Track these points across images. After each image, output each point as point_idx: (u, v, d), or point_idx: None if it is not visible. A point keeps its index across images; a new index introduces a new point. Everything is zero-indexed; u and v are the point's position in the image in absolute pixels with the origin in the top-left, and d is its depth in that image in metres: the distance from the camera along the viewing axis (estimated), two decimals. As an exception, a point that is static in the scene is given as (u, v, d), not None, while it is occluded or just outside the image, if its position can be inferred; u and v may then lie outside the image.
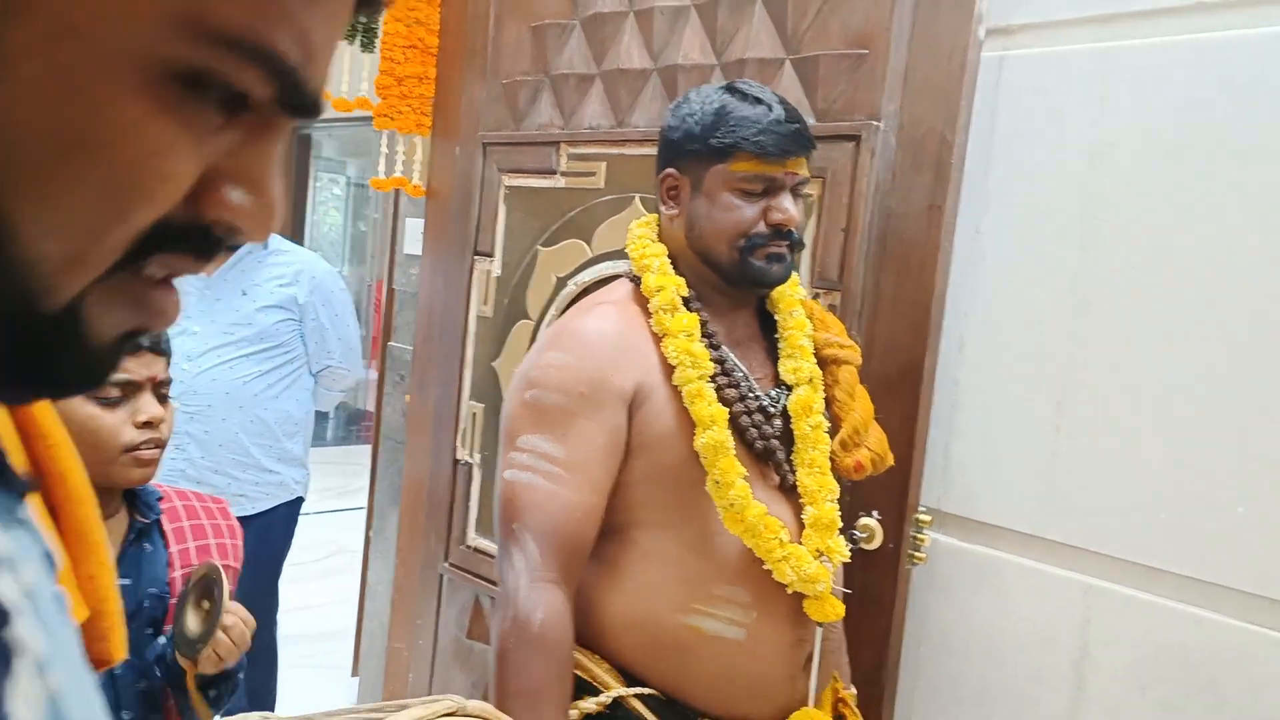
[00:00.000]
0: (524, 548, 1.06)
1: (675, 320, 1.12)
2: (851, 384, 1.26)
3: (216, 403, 2.11)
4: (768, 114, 1.11)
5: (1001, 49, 1.44)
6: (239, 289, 2.16)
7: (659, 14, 1.77)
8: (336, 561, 4.08)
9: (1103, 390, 1.35)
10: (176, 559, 1.14)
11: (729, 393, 1.13)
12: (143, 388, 1.08)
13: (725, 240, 1.14)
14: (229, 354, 2.12)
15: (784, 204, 1.13)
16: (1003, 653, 1.45)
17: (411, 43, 2.21)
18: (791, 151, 1.12)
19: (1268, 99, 1.21)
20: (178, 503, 1.19)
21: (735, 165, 1.11)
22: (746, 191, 1.12)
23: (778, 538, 1.08)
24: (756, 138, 1.10)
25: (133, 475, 1.07)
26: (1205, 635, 1.27)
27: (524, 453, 1.09)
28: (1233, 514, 1.24)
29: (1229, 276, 1.25)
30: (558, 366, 1.11)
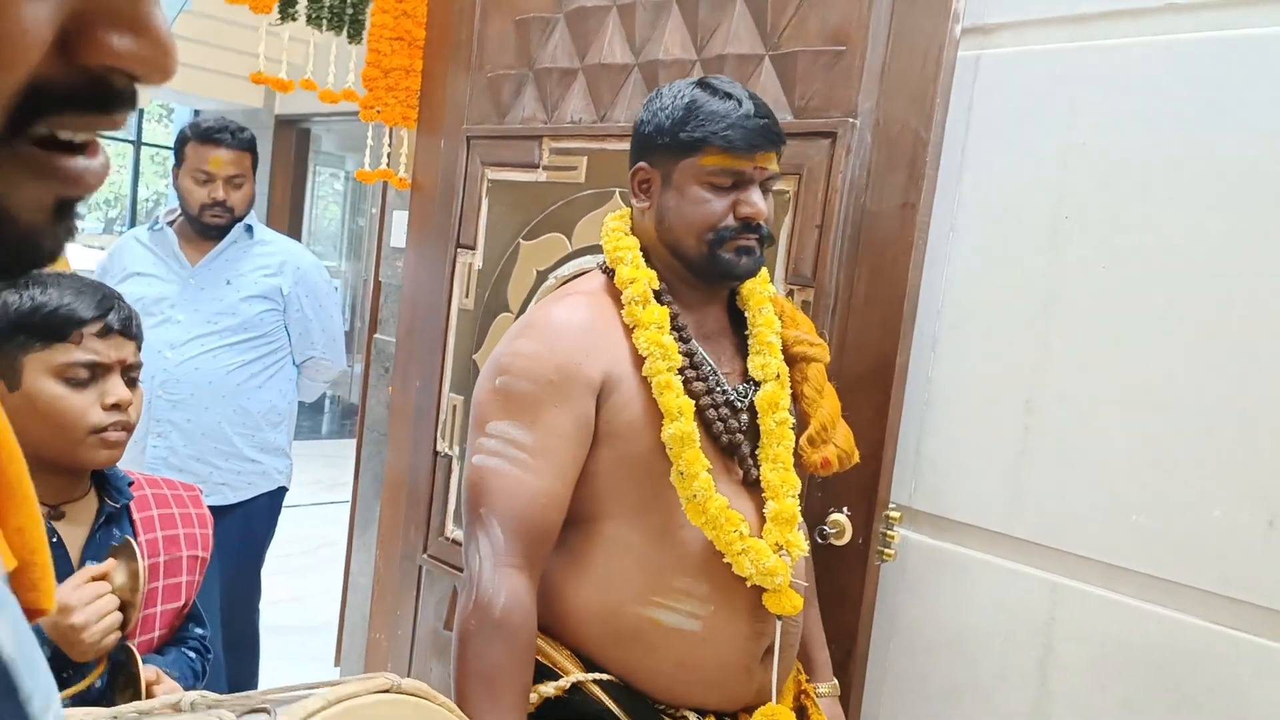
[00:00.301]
0: (489, 532, 1.07)
1: (646, 312, 1.13)
2: (820, 381, 1.26)
3: (199, 391, 2.12)
4: (737, 109, 1.12)
5: (978, 48, 1.44)
6: (223, 278, 2.16)
7: (641, 8, 1.77)
8: (324, 554, 4.08)
9: (1071, 389, 1.35)
10: (145, 548, 1.13)
11: (697, 386, 1.14)
12: (111, 370, 1.08)
13: (694, 233, 1.14)
14: (212, 343, 2.13)
15: (753, 198, 1.14)
16: (969, 650, 1.45)
17: (398, 35, 2.22)
18: (760, 146, 1.12)
19: (1236, 100, 1.22)
20: (148, 491, 1.19)
21: (704, 159, 1.12)
22: (715, 185, 1.13)
23: (738, 531, 1.09)
24: (725, 132, 1.10)
25: (99, 457, 1.07)
26: (1167, 634, 1.27)
27: (492, 438, 1.10)
28: (1196, 514, 1.25)
29: (1197, 276, 1.25)
30: (527, 354, 1.11)
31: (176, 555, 1.17)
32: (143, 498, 1.18)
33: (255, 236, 2.23)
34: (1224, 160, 1.23)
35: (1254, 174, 1.21)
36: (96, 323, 1.06)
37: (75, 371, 1.05)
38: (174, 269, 2.16)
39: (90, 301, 1.06)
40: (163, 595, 1.14)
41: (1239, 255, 1.22)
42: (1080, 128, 1.34)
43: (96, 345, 1.06)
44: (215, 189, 2.11)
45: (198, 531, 1.21)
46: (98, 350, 1.06)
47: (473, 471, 1.11)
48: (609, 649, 1.12)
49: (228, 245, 2.18)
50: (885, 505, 1.49)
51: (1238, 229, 1.22)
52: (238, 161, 2.13)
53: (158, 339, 2.08)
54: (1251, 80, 1.21)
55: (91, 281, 1.11)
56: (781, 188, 1.55)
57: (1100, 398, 1.33)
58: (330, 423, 7.40)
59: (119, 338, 1.08)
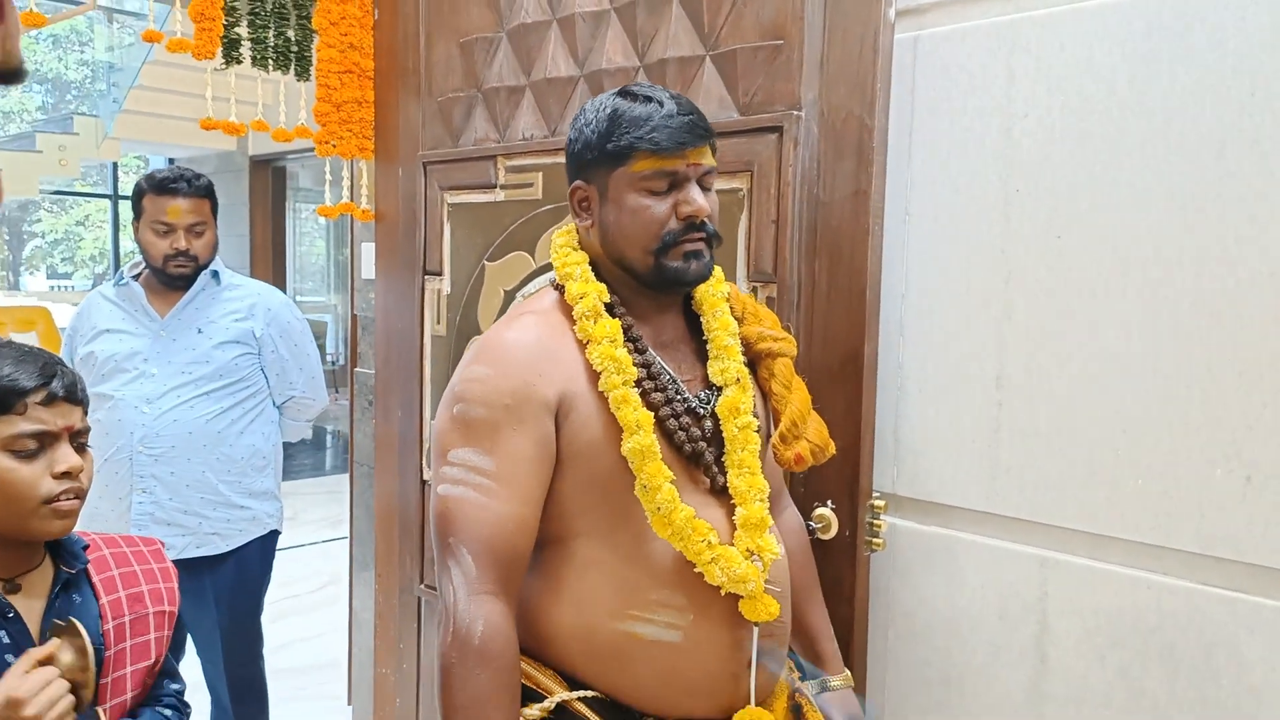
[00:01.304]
0: (460, 561, 1.06)
1: (598, 327, 1.12)
2: (788, 376, 1.25)
3: (180, 444, 2.10)
4: (659, 110, 1.11)
5: (915, 29, 1.44)
6: (194, 327, 2.14)
7: (580, 20, 1.77)
8: (329, 591, 4.07)
9: (1037, 361, 1.34)
10: (108, 610, 1.12)
11: (655, 397, 1.13)
12: (59, 438, 1.07)
13: (638, 244, 1.13)
14: (188, 393, 2.11)
15: (691, 195, 1.12)
16: (965, 631, 1.44)
17: (346, 68, 2.21)
18: (688, 142, 1.10)
19: (1168, 58, 1.21)
20: (105, 551, 1.18)
21: (636, 165, 1.11)
22: (652, 190, 1.11)
23: (706, 540, 1.08)
24: (651, 135, 1.09)
25: (52, 527, 1.06)
26: (1157, 599, 1.26)
27: (454, 466, 1.09)
28: (1173, 475, 1.24)
29: (1147, 235, 1.24)
30: (481, 380, 1.10)
31: (142, 613, 1.16)
32: (100, 558, 1.16)
33: (223, 282, 2.21)
34: (1163, 117, 1.22)
35: (1194, 128, 1.20)
36: (40, 391, 1.05)
37: (23, 443, 1.03)
38: (143, 322, 2.14)
39: (32, 370, 1.05)
40: (132, 655, 1.13)
41: (1187, 210, 1.21)
42: (1020, 99, 1.33)
43: (42, 414, 1.05)
44: (176, 239, 2.09)
45: (161, 586, 1.19)
46: (44, 419, 1.05)
47: (438, 501, 1.10)
48: (591, 666, 1.11)
49: (196, 293, 2.16)
50: (869, 495, 1.48)
51: (1183, 185, 1.21)
52: (196, 209, 2.11)
53: (133, 394, 2.08)
54: (1182, 37, 1.20)
55: (31, 349, 1.09)
56: (734, 185, 1.55)
57: (1067, 367, 1.32)
58: (333, 458, 7.39)
59: (64, 404, 1.07)
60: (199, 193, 2.12)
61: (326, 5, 2.16)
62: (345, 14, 2.18)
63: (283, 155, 7.03)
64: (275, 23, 2.13)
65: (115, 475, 2.08)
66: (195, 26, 1.99)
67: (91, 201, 11.40)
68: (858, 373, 1.46)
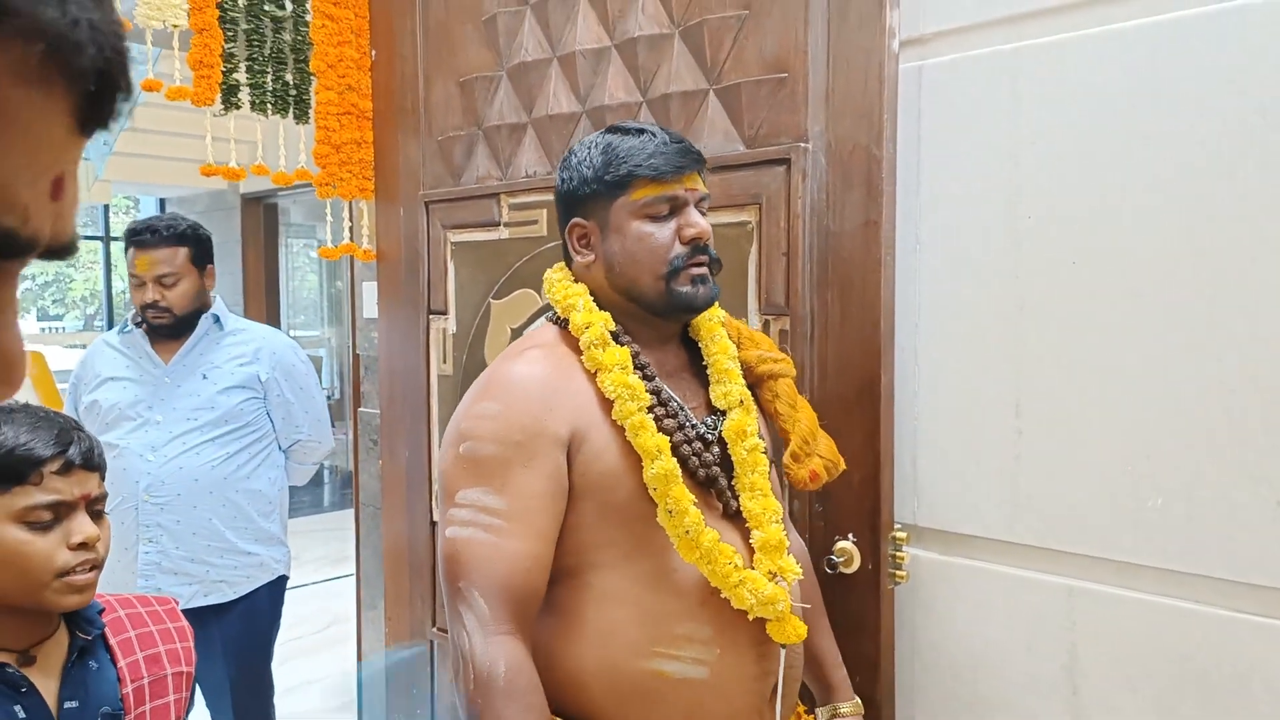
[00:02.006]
0: (473, 605, 1.03)
1: (608, 354, 1.11)
2: (791, 395, 1.25)
3: (185, 491, 2.07)
4: (653, 140, 1.13)
5: (918, 59, 1.44)
6: (198, 373, 2.12)
7: (581, 57, 1.77)
8: (335, 632, 4.02)
9: (1056, 388, 1.33)
10: (127, 674, 1.09)
11: (668, 423, 1.12)
12: (76, 507, 1.03)
13: (648, 270, 1.13)
14: (194, 440, 2.08)
15: (693, 218, 1.14)
16: (994, 663, 1.42)
17: (345, 109, 2.21)
18: (685, 167, 1.13)
19: (1173, 82, 1.21)
20: (121, 612, 1.15)
21: (636, 193, 1.12)
22: (654, 216, 1.13)
23: (733, 563, 1.07)
24: (649, 161, 1.11)
25: (67, 602, 1.02)
26: (1189, 626, 1.24)
27: (463, 508, 1.06)
28: (1198, 500, 1.22)
29: (1161, 258, 1.24)
30: (490, 416, 1.08)
31: (160, 674, 1.13)
32: (116, 620, 1.13)
33: (226, 327, 2.18)
34: (1171, 140, 1.22)
35: (1203, 150, 1.20)
36: (56, 460, 1.01)
37: (38, 514, 1.00)
38: (147, 369, 2.11)
39: (47, 437, 1.01)
40: (152, 718, 1.10)
41: (1199, 232, 1.21)
42: (1028, 126, 1.33)
43: (58, 484, 1.01)
44: (147, 292, 2.05)
45: (179, 646, 1.16)
46: (60, 489, 1.01)
47: (447, 544, 1.07)
48: (612, 708, 1.08)
49: (199, 339, 2.13)
50: (890, 527, 1.46)
51: (1195, 207, 1.21)
52: (166, 259, 2.05)
53: (138, 442, 2.05)
54: (1186, 61, 1.20)
55: (47, 413, 1.06)
56: (743, 218, 1.54)
57: (1086, 393, 1.31)
58: (331, 494, 7.33)
59: (81, 472, 1.03)
60: (168, 242, 2.05)
61: (324, 49, 2.16)
62: (342, 56, 2.19)
63: (274, 193, 7.04)
64: (273, 67, 2.12)
65: (121, 525, 2.05)
66: (194, 74, 1.99)
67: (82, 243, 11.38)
68: (874, 403, 1.45)
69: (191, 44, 1.98)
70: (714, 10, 1.57)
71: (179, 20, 1.94)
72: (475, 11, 1.97)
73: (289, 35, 2.15)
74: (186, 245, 2.08)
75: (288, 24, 2.14)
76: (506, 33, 1.90)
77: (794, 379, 1.27)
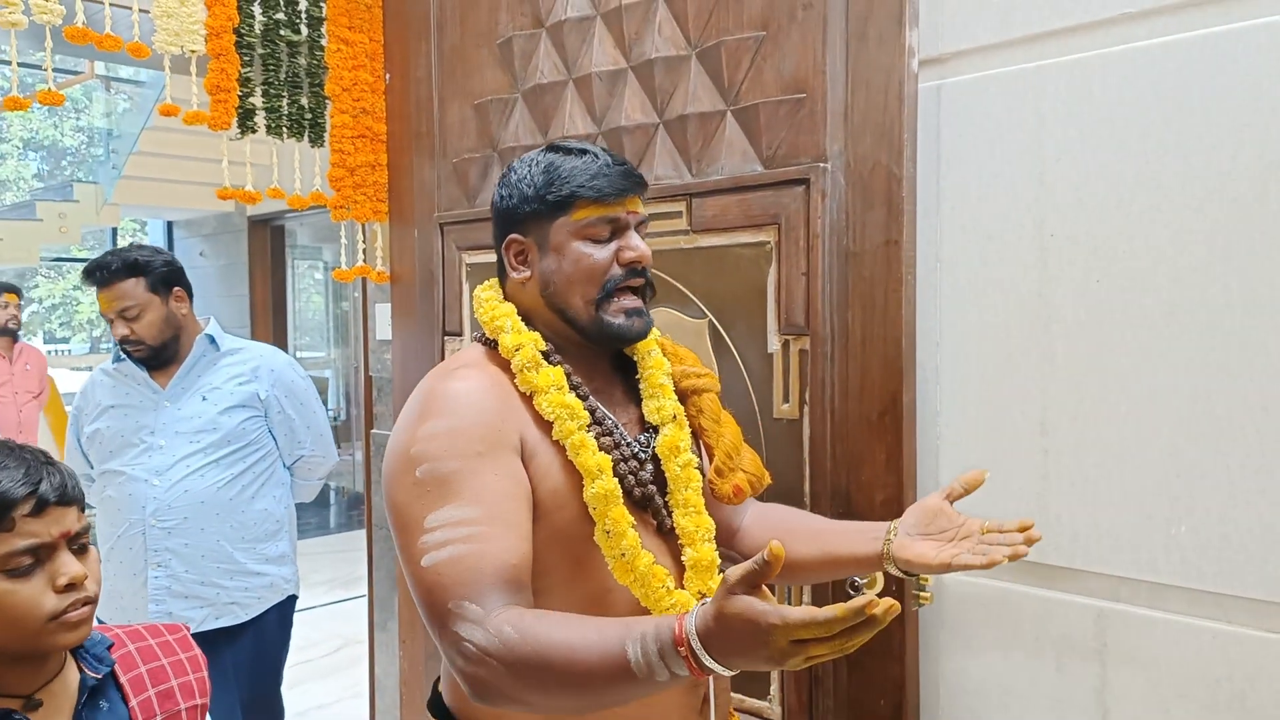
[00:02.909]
0: (467, 614, 0.94)
1: (542, 376, 1.09)
2: (715, 411, 1.25)
3: (192, 514, 2.06)
4: (595, 161, 1.13)
5: (937, 78, 1.44)
6: (197, 395, 2.11)
7: (597, 80, 1.77)
8: (346, 654, 3.99)
9: (1083, 408, 1.32)
10: (139, 712, 1.07)
11: (604, 441, 1.11)
12: (56, 547, 0.98)
13: (580, 293, 1.12)
14: (198, 462, 2.07)
15: (633, 241, 1.13)
16: (1021, 687, 1.40)
17: (360, 132, 2.22)
18: (628, 189, 1.13)
19: (1200, 99, 1.21)
20: (131, 646, 1.11)
21: (578, 213, 1.12)
22: (593, 238, 1.12)
23: (665, 585, 1.07)
24: (592, 183, 1.11)
25: (64, 641, 0.98)
26: (1223, 648, 1.23)
27: (435, 530, 0.99)
28: (1232, 520, 1.21)
29: (1190, 276, 1.23)
30: (442, 434, 1.02)
31: (174, 709, 1.10)
32: (126, 656, 1.10)
33: (222, 347, 2.17)
34: (1201, 158, 1.21)
35: (1234, 167, 1.19)
36: (28, 501, 0.96)
37: (17, 561, 0.95)
38: (145, 395, 2.10)
39: (16, 476, 0.96)
40: None
41: (1232, 251, 1.20)
42: (1052, 144, 1.33)
43: (33, 526, 0.96)
44: (116, 327, 2.05)
45: (192, 678, 1.14)
46: (36, 532, 0.96)
47: (426, 574, 0.97)
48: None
49: (195, 361, 2.12)
50: (913, 548, 1.45)
51: (1227, 224, 1.20)
52: (126, 293, 2.03)
53: (142, 469, 2.05)
54: (1213, 78, 1.20)
55: (14, 449, 1.00)
56: (762, 239, 1.54)
57: (1114, 412, 1.30)
58: (338, 515, 7.31)
59: (57, 509, 0.98)
60: (120, 275, 2.02)
61: (339, 72, 2.18)
62: (357, 80, 2.20)
63: (281, 214, 7.06)
64: (289, 91, 2.13)
65: (129, 551, 2.04)
66: (211, 99, 1.99)
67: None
68: (897, 423, 1.44)
69: (208, 69, 1.99)
70: (731, 31, 1.58)
71: (196, 45, 1.96)
72: (490, 34, 1.98)
73: (304, 59, 2.16)
74: (140, 274, 2.04)
75: (303, 48, 2.15)
76: (522, 55, 1.91)
77: (718, 394, 1.27)
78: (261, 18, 2.08)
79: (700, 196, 1.61)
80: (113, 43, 1.78)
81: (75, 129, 14.68)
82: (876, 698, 1.48)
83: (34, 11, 1.71)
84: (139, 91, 7.66)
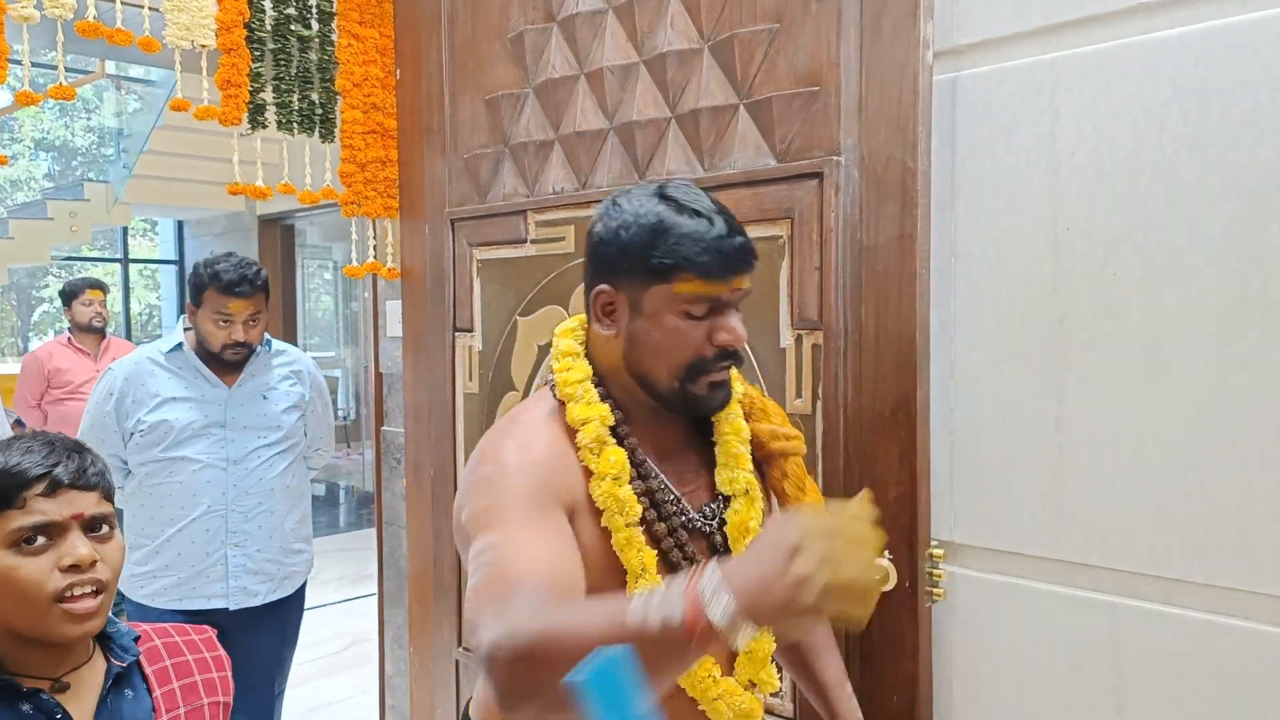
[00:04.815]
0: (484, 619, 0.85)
1: (603, 460, 1.04)
2: (800, 477, 1.20)
3: (265, 499, 2.27)
4: (709, 229, 1.02)
5: (952, 70, 1.43)
6: (259, 394, 2.30)
7: (609, 74, 1.77)
8: (355, 652, 3.99)
9: (1098, 402, 1.31)
10: (162, 704, 1.08)
11: (659, 527, 1.06)
12: (67, 528, 1.00)
13: (668, 367, 1.05)
14: (266, 454, 2.27)
15: (731, 323, 1.04)
16: (1035, 683, 1.39)
17: (370, 128, 2.22)
18: (737, 270, 1.03)
19: (1218, 90, 1.20)
20: (158, 641, 1.13)
21: (679, 286, 1.02)
22: (690, 313, 1.03)
23: (711, 676, 1.02)
24: (700, 257, 1.00)
25: (66, 631, 0.99)
26: (1239, 644, 1.21)
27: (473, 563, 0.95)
28: (1249, 515, 1.20)
29: (1207, 270, 1.22)
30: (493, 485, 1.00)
31: (197, 704, 1.12)
32: (153, 649, 1.12)
33: (272, 348, 2.36)
34: (1218, 151, 1.20)
35: (1251, 160, 1.18)
36: (40, 481, 0.99)
37: (24, 535, 0.97)
38: (208, 391, 2.25)
39: (36, 459, 0.99)
40: None
41: (1249, 245, 1.19)
42: (1067, 138, 1.32)
43: (43, 505, 0.99)
44: (235, 331, 2.20)
45: (215, 676, 1.15)
46: (45, 510, 0.98)
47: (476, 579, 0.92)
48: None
49: (255, 361, 2.30)
50: (927, 544, 1.44)
51: (1244, 218, 1.19)
52: (255, 304, 2.22)
53: (219, 457, 2.23)
54: (1234, 69, 1.19)
55: (48, 437, 1.04)
56: (774, 233, 1.53)
57: (1130, 407, 1.29)
58: (348, 514, 7.33)
59: (71, 491, 1.00)
60: (258, 290, 2.22)
61: (349, 68, 2.18)
62: (368, 75, 2.20)
63: (291, 214, 7.08)
64: (299, 87, 2.14)
65: (206, 532, 2.21)
66: (222, 94, 2.00)
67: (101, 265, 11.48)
68: (910, 419, 1.43)
69: (219, 64, 1.99)
70: (744, 24, 1.57)
71: (207, 40, 1.96)
72: (501, 29, 1.98)
73: (315, 55, 2.16)
74: (266, 292, 2.26)
75: (314, 43, 2.16)
76: (533, 50, 1.91)
77: (804, 456, 1.21)
78: (272, 12, 2.08)
79: (713, 190, 1.60)
80: (124, 37, 1.78)
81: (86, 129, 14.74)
82: (889, 694, 1.47)
83: (45, 6, 1.71)
84: (150, 91, 7.69)
